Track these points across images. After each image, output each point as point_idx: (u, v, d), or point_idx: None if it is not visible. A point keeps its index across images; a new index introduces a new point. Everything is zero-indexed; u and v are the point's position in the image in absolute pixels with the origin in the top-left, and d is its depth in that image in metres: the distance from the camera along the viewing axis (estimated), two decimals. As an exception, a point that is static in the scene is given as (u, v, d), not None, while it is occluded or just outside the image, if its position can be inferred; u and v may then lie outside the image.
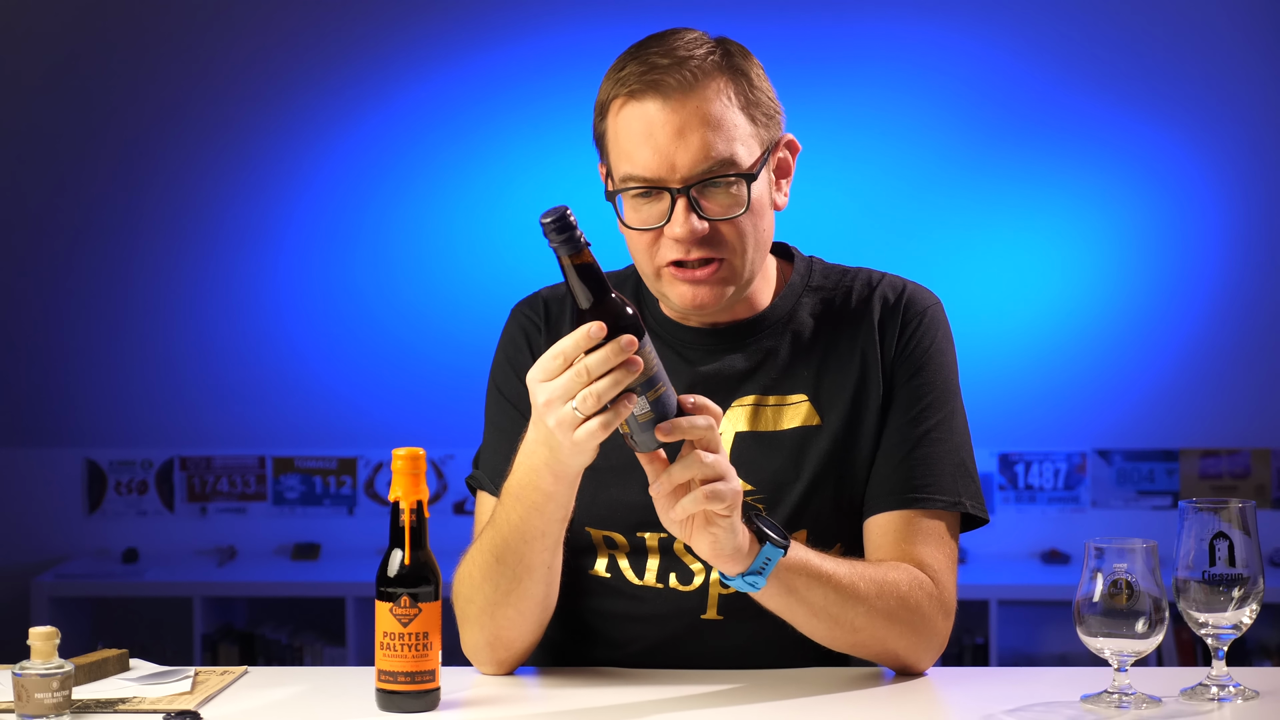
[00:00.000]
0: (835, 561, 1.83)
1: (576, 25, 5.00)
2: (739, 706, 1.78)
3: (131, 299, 5.19)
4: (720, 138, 1.85)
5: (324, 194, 5.16)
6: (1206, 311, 5.02)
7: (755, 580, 1.76)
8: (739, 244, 1.89)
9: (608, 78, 1.91)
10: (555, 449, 1.70)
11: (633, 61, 1.88)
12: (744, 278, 1.91)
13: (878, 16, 5.00)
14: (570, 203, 1.65)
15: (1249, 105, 4.98)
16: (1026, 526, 5.08)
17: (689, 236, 1.85)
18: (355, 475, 5.22)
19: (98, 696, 1.81)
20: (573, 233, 1.61)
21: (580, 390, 1.63)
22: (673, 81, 1.85)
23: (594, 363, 1.62)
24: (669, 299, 1.92)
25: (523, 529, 1.80)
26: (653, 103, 1.85)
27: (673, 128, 1.84)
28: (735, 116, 1.87)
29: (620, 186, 1.88)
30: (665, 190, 1.86)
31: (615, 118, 1.89)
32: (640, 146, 1.86)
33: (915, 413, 1.95)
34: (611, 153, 1.90)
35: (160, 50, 5.11)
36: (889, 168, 5.02)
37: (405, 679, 1.72)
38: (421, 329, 5.13)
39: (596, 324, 1.62)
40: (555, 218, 1.60)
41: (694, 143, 1.84)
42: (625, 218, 1.90)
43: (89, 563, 5.06)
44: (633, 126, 1.86)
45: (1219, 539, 1.76)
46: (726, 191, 1.87)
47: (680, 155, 1.85)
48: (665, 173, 1.85)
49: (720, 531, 1.71)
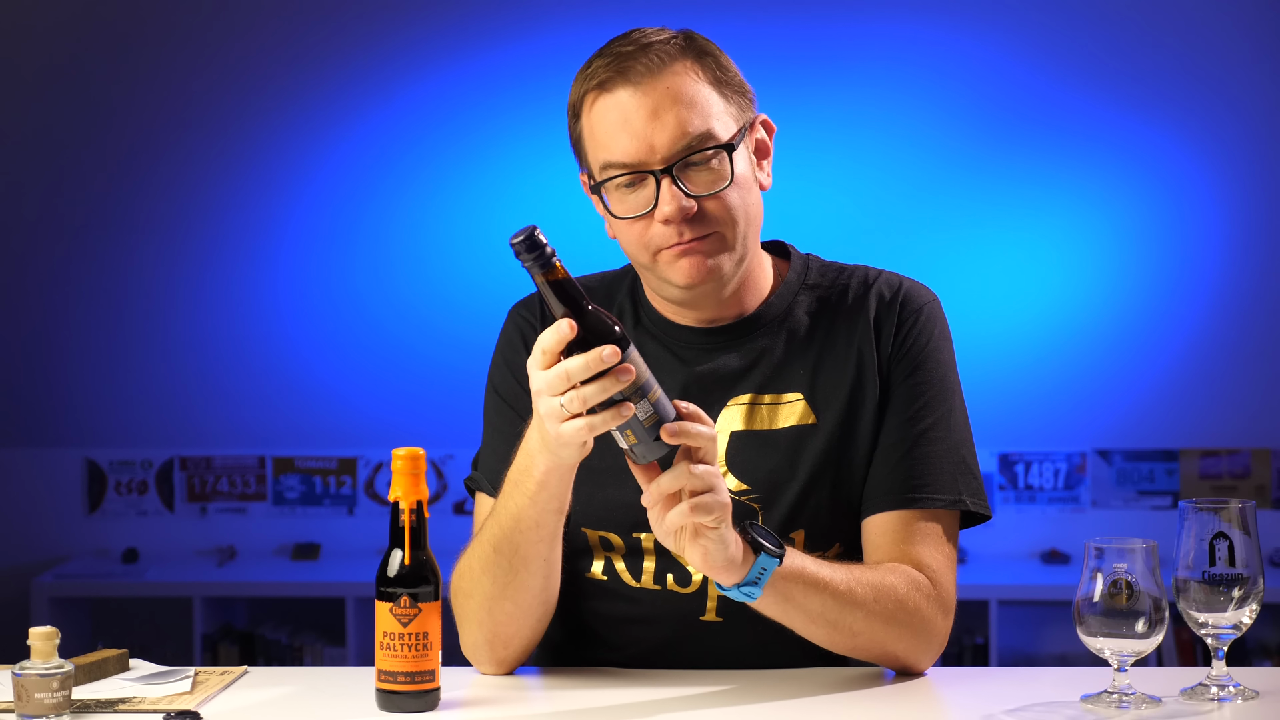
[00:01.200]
0: (832, 567, 1.83)
1: (576, 25, 5.00)
2: (739, 706, 1.78)
3: (131, 299, 5.19)
4: (695, 114, 1.86)
5: (324, 194, 5.16)
6: (1206, 311, 5.02)
7: (751, 591, 1.76)
8: (728, 217, 1.88)
9: (577, 80, 1.92)
10: (544, 435, 1.71)
11: (598, 58, 1.90)
12: (738, 252, 1.91)
13: (878, 16, 5.00)
14: (565, 203, 1.66)
15: (1249, 105, 4.98)
16: (1026, 526, 5.08)
17: (678, 215, 1.85)
18: (355, 475, 5.22)
19: (98, 696, 1.81)
20: (543, 250, 1.62)
21: (565, 390, 1.64)
22: (640, 67, 1.86)
23: (575, 368, 1.63)
24: (671, 282, 1.91)
25: (518, 517, 1.80)
26: (623, 90, 1.86)
27: (647, 110, 1.85)
28: (706, 92, 1.88)
29: (602, 178, 1.89)
30: (648, 174, 1.86)
31: (589, 113, 1.89)
32: (617, 134, 1.86)
33: (913, 411, 1.95)
34: (589, 148, 1.91)
35: (160, 50, 5.11)
36: (889, 168, 5.02)
37: (405, 679, 1.72)
38: (421, 329, 5.13)
39: (567, 321, 1.63)
40: (524, 238, 1.62)
41: (669, 121, 1.85)
42: (612, 209, 1.90)
43: (89, 563, 5.06)
44: (608, 117, 1.87)
45: (1219, 539, 1.76)
46: (708, 167, 1.87)
47: (658, 136, 1.85)
48: (645, 155, 1.85)
49: (709, 544, 1.70)
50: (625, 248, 1.93)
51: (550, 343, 1.64)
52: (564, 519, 1.83)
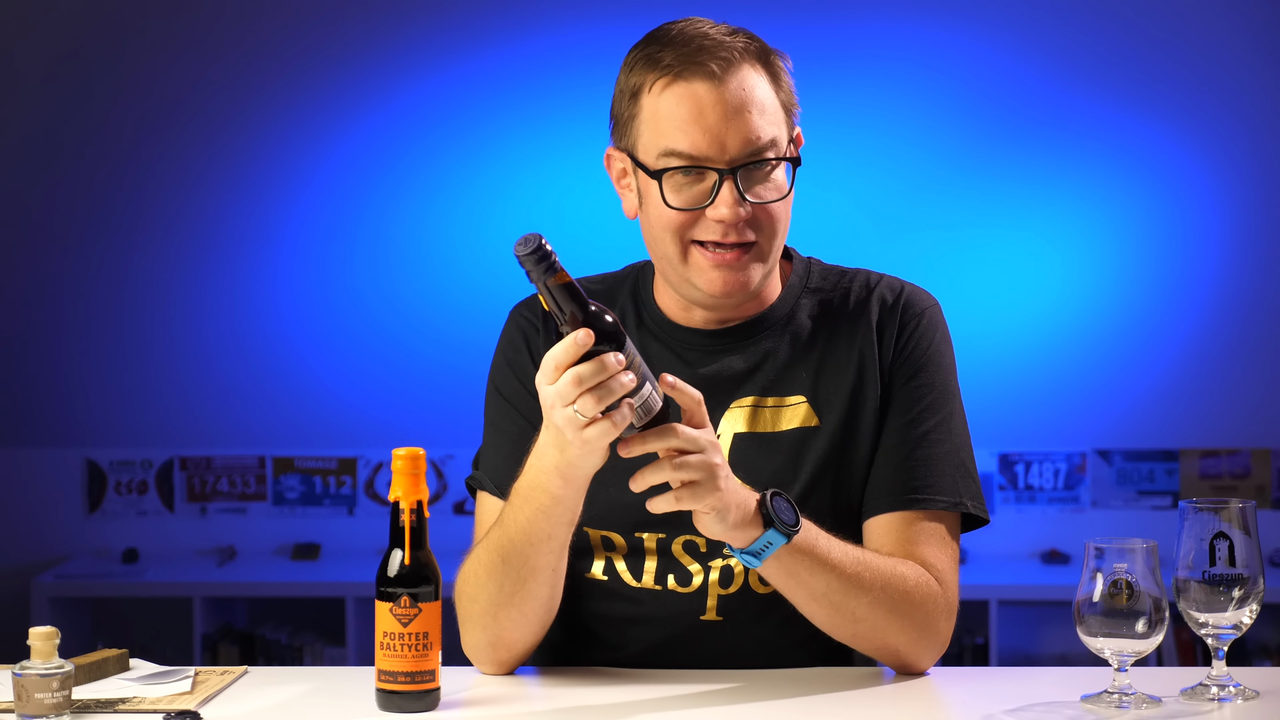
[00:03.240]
0: (844, 549, 1.83)
1: (576, 25, 5.00)
2: (739, 706, 1.78)
3: (131, 299, 5.19)
4: (766, 121, 1.87)
5: (324, 194, 5.16)
6: (1206, 311, 5.02)
7: (751, 560, 1.77)
8: (772, 228, 1.89)
9: (639, 61, 1.89)
10: (565, 450, 1.71)
11: (669, 45, 1.88)
12: (769, 264, 1.92)
13: (878, 16, 5.00)
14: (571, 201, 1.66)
15: (1249, 105, 4.98)
16: (1026, 526, 5.08)
17: (734, 219, 1.86)
18: (355, 475, 5.22)
19: (98, 696, 1.81)
20: (550, 259, 1.62)
21: (577, 396, 1.64)
22: (720, 62, 1.86)
23: (587, 373, 1.63)
24: (693, 283, 1.91)
25: (529, 530, 1.80)
26: (701, 83, 1.85)
27: (724, 108, 1.85)
28: (774, 100, 1.89)
29: (661, 165, 1.88)
30: (711, 170, 1.86)
31: (656, 97, 1.87)
32: (689, 125, 1.85)
33: (914, 414, 1.95)
34: (647, 131, 1.89)
35: (160, 50, 5.11)
36: (889, 168, 5.02)
37: (405, 679, 1.72)
38: (421, 329, 5.13)
39: (584, 331, 1.63)
40: (533, 249, 1.61)
41: (743, 124, 1.85)
42: (666, 198, 1.88)
43: (89, 563, 5.06)
44: (681, 105, 1.86)
45: (1219, 539, 1.76)
46: (767, 175, 1.88)
47: (731, 136, 1.85)
48: (715, 153, 1.85)
49: (686, 501, 1.70)
50: (651, 233, 1.92)
51: (562, 356, 1.64)
52: (574, 529, 1.83)
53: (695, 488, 1.70)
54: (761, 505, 1.76)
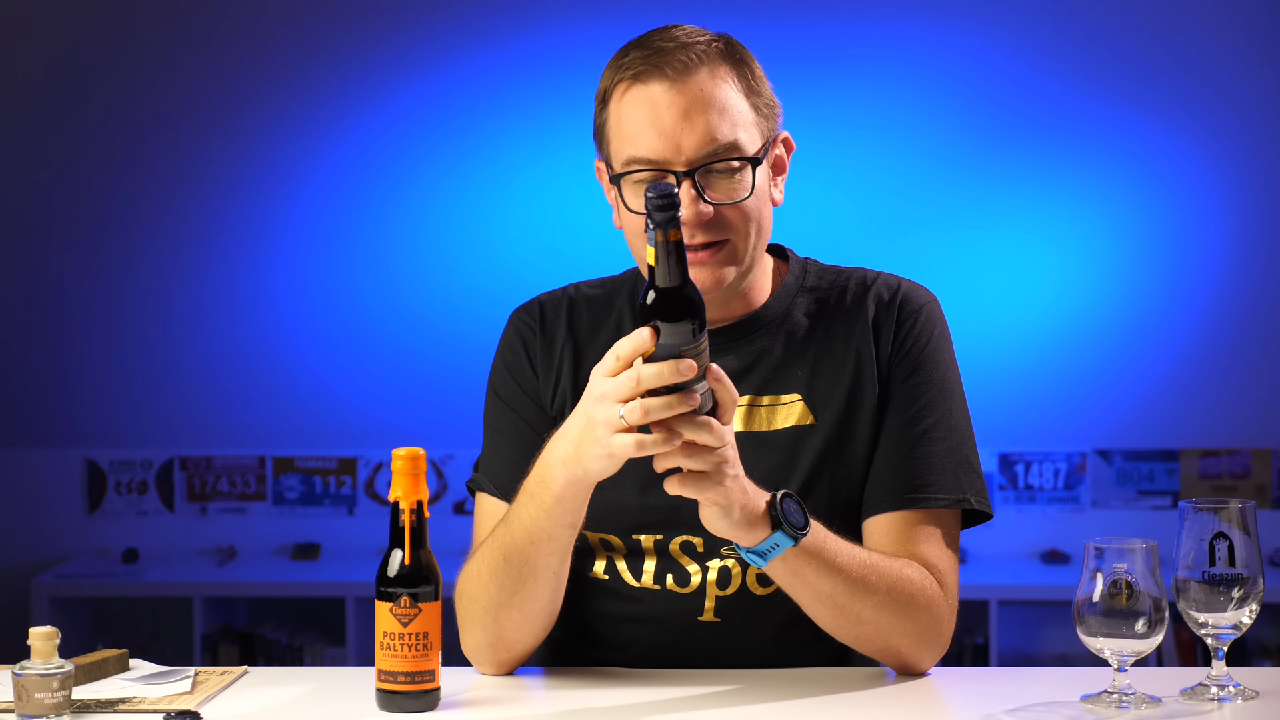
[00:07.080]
0: (851, 552, 1.82)
1: (576, 25, 5.00)
2: (739, 706, 1.78)
3: (131, 298, 5.19)
4: (725, 121, 1.86)
5: (324, 194, 5.16)
6: (1206, 311, 5.02)
7: (757, 560, 1.76)
8: (743, 227, 1.89)
9: (609, 67, 1.91)
10: (580, 445, 1.70)
11: (635, 48, 1.89)
12: (745, 263, 1.91)
13: (878, 16, 5.00)
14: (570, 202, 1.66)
15: (1249, 105, 4.98)
16: (1026, 526, 5.08)
17: (694, 220, 1.85)
18: (355, 475, 5.22)
19: (98, 696, 1.81)
20: (675, 211, 1.60)
21: (631, 397, 1.63)
22: (677, 64, 1.85)
23: (647, 374, 1.62)
24: None
25: (531, 529, 1.80)
26: (657, 85, 1.85)
27: (678, 109, 1.85)
28: (739, 102, 1.88)
29: (623, 170, 1.88)
30: (669, 174, 1.85)
31: (618, 102, 1.88)
32: (645, 129, 1.85)
33: (913, 412, 1.95)
34: (613, 139, 1.90)
35: (160, 50, 5.11)
36: (889, 168, 5.02)
37: (405, 679, 1.72)
38: (421, 329, 5.13)
39: (648, 330, 1.62)
40: (662, 193, 1.59)
41: (699, 125, 1.85)
42: (628, 202, 1.89)
43: (89, 563, 5.06)
44: (638, 109, 1.86)
45: (1219, 539, 1.76)
46: (730, 176, 1.87)
47: (686, 138, 1.85)
48: (671, 155, 1.85)
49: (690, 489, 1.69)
50: (632, 240, 1.93)
51: (626, 350, 1.64)
52: (577, 533, 1.82)
53: (701, 478, 1.70)
54: (771, 506, 1.76)
